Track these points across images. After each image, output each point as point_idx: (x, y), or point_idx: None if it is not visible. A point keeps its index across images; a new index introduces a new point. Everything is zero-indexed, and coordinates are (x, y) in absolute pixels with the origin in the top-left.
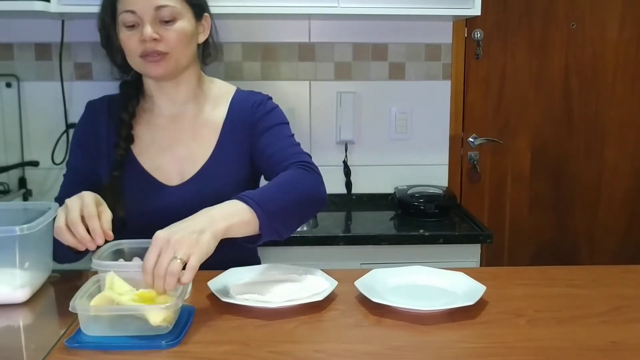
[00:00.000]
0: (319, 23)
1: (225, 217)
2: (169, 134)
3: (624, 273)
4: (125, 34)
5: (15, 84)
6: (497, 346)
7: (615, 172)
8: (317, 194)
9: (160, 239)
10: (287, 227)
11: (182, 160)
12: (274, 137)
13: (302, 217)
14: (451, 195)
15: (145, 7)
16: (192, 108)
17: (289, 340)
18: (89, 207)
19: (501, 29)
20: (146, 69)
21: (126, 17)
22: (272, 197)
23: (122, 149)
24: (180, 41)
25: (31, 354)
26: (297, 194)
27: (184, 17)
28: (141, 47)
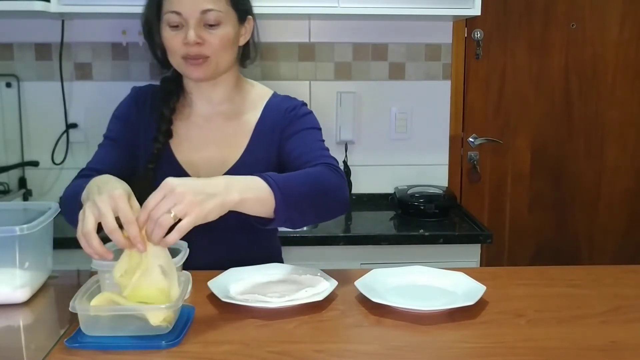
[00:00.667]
0: (319, 23)
1: (241, 190)
2: (203, 132)
3: (623, 273)
4: (169, 33)
5: (15, 84)
6: (497, 346)
7: (615, 172)
8: (340, 195)
9: (167, 185)
10: (303, 217)
11: (212, 159)
12: (303, 140)
13: (321, 212)
14: (451, 195)
15: (192, 10)
16: (227, 109)
17: (289, 340)
18: (127, 213)
19: (501, 29)
20: (187, 71)
21: (171, 17)
22: (294, 184)
23: (160, 143)
24: (223, 46)
25: (31, 354)
26: (319, 188)
27: (228, 21)
28: (184, 49)
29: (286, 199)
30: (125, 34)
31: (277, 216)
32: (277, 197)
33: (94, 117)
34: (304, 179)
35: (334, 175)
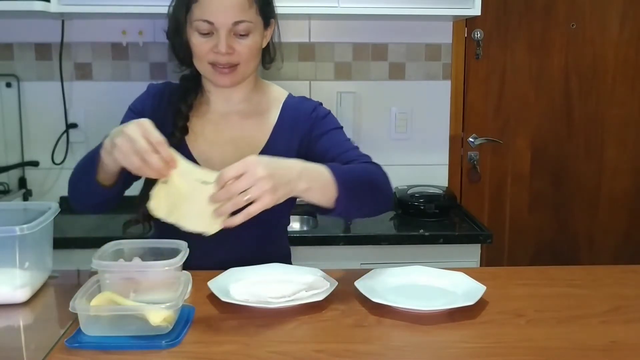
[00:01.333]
0: (319, 23)
1: (310, 179)
2: (219, 129)
3: (623, 273)
4: (198, 39)
5: (15, 84)
6: (497, 346)
7: (615, 172)
8: (390, 191)
9: (250, 164)
10: (358, 209)
11: (229, 156)
12: (334, 141)
13: (373, 206)
14: (451, 195)
15: (224, 20)
16: (244, 107)
17: (289, 340)
18: (154, 133)
19: (501, 29)
20: (215, 78)
21: (202, 25)
22: (353, 177)
23: (176, 139)
24: (251, 54)
25: (31, 354)
26: (373, 183)
27: (256, 30)
28: (213, 56)
29: (347, 191)
30: (125, 34)
31: (337, 206)
32: (340, 188)
33: (94, 117)
34: (361, 173)
35: (382, 172)
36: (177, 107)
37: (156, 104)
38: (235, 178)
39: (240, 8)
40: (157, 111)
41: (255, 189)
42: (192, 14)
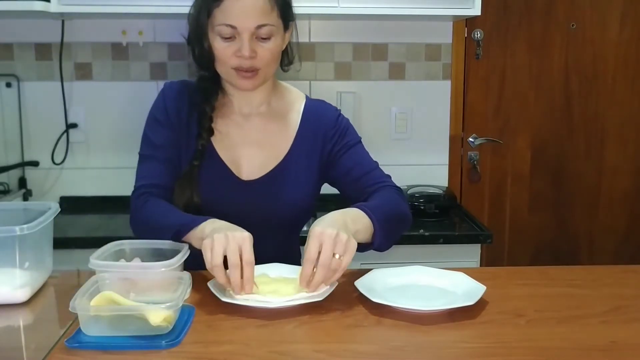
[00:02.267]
0: (319, 23)
1: (354, 221)
2: (243, 131)
3: (623, 273)
4: (221, 44)
5: (15, 84)
6: (497, 346)
7: (615, 172)
8: (409, 215)
9: (319, 234)
10: (390, 240)
11: (252, 158)
12: (358, 159)
13: (398, 234)
14: (451, 195)
15: (247, 24)
16: (265, 110)
17: (289, 340)
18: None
19: (501, 29)
20: (237, 82)
21: (224, 30)
22: (383, 211)
23: (204, 140)
24: (273, 58)
25: (31, 354)
26: (398, 212)
27: (278, 33)
28: (236, 60)
29: (381, 226)
30: (125, 34)
31: (374, 241)
32: (375, 223)
33: (94, 117)
34: (391, 208)
35: (402, 198)
36: (201, 108)
37: (180, 105)
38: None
39: (263, 12)
40: (182, 112)
41: (338, 246)
42: (214, 18)
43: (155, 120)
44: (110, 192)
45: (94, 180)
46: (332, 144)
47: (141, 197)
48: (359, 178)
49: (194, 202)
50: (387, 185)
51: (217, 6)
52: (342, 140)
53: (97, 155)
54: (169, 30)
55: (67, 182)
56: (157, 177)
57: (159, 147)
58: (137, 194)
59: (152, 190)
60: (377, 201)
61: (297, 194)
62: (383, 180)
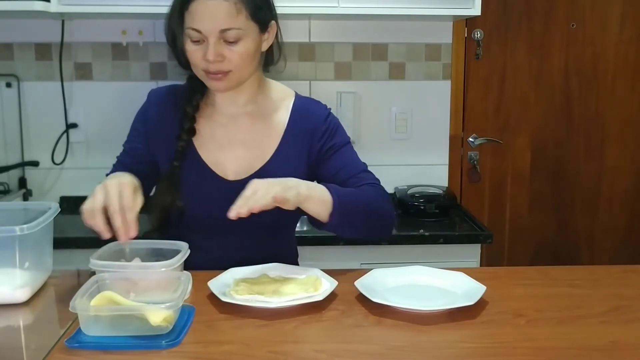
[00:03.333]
0: (319, 23)
1: (309, 188)
2: (229, 131)
3: (623, 273)
4: (191, 47)
5: (15, 84)
6: (497, 346)
7: (615, 172)
8: (389, 215)
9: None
10: (353, 228)
11: (239, 158)
12: (346, 160)
13: (369, 228)
14: (451, 195)
15: (211, 28)
16: (252, 109)
17: (289, 340)
18: (127, 199)
19: (501, 29)
20: (209, 84)
21: (192, 33)
22: (350, 196)
23: (183, 141)
24: (243, 61)
25: (31, 354)
26: (372, 206)
27: (248, 36)
28: (204, 64)
29: (342, 207)
30: (125, 34)
31: (331, 219)
32: (335, 203)
33: (94, 117)
34: (359, 196)
35: (386, 201)
36: (182, 109)
37: (162, 110)
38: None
39: (227, 15)
40: (164, 116)
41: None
42: (185, 22)
43: (134, 129)
44: None
45: (94, 180)
46: (321, 144)
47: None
48: (347, 180)
49: (176, 204)
50: (370, 182)
51: (186, 9)
52: (331, 140)
53: (97, 155)
54: None
55: (67, 182)
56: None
57: (130, 154)
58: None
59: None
60: (351, 190)
61: None
62: (369, 182)
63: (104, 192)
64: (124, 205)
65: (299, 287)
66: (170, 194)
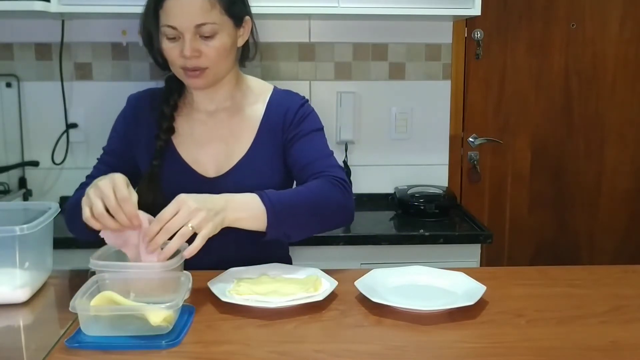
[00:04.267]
0: (319, 23)
1: (238, 209)
2: (208, 128)
3: (623, 273)
4: (167, 45)
5: (15, 84)
6: (497, 346)
7: (615, 172)
8: (340, 210)
9: (182, 201)
10: (298, 231)
11: (219, 154)
12: (309, 147)
13: (319, 225)
14: (451, 195)
15: (186, 24)
16: (230, 105)
17: (289, 340)
18: (123, 191)
19: (501, 29)
20: (187, 82)
21: (167, 31)
22: (288, 202)
23: (162, 140)
24: (219, 55)
25: (31, 354)
26: (316, 203)
27: (224, 30)
28: (182, 60)
29: (278, 218)
30: (125, 34)
31: (268, 232)
32: (270, 216)
33: (94, 117)
34: (301, 197)
35: (334, 188)
36: (160, 109)
37: (139, 113)
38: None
39: (201, 10)
40: (142, 118)
41: (194, 220)
42: (160, 20)
43: (113, 129)
44: None
45: None
46: (288, 132)
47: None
48: (304, 167)
49: (158, 202)
50: (328, 174)
51: (160, 7)
52: (296, 127)
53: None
54: None
55: (67, 182)
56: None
57: (109, 153)
58: (80, 187)
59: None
60: (291, 190)
61: (263, 185)
62: (323, 170)
63: (99, 193)
64: (121, 198)
65: (299, 287)
66: (151, 193)
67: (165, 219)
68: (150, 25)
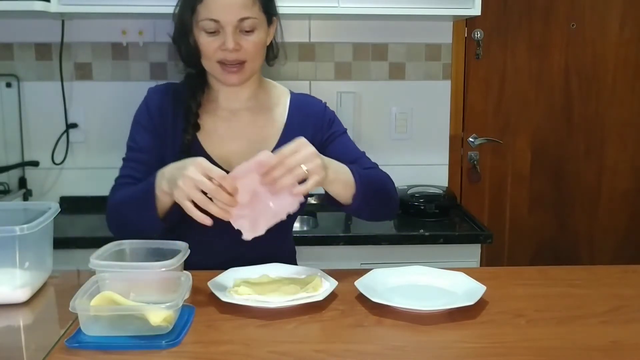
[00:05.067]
0: (319, 23)
1: (338, 171)
2: (231, 126)
3: (623, 273)
4: (205, 39)
5: (15, 84)
6: (497, 346)
7: (615, 172)
8: (396, 197)
9: (303, 143)
10: (371, 210)
11: (243, 153)
12: (344, 148)
13: (382, 210)
14: (451, 195)
15: (230, 17)
16: (253, 104)
17: (289, 340)
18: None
19: (501, 29)
20: (223, 77)
21: (208, 24)
22: (371, 180)
23: (189, 134)
24: (257, 51)
25: (31, 354)
26: (386, 189)
27: (261, 26)
28: (221, 54)
29: (364, 191)
30: (125, 34)
31: (353, 203)
32: (358, 186)
33: (94, 117)
34: (377, 178)
35: (392, 181)
36: (186, 104)
37: (163, 105)
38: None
39: (245, 5)
40: (166, 113)
41: (310, 164)
42: (198, 14)
43: (138, 123)
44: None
45: (94, 180)
46: (322, 134)
47: (114, 187)
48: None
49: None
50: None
51: (200, 2)
52: (329, 129)
53: (97, 155)
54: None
55: (67, 182)
56: (135, 174)
57: (141, 150)
58: (113, 190)
59: (130, 182)
60: (367, 171)
61: None
62: (370, 167)
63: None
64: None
65: (299, 287)
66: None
67: (285, 154)
68: (187, 18)
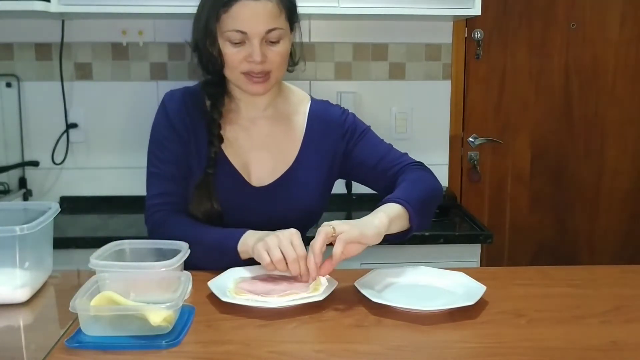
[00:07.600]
0: (319, 23)
1: (386, 214)
2: (250, 135)
3: (623, 273)
4: (231, 50)
5: (15, 84)
6: (497, 346)
7: (615, 172)
8: (440, 187)
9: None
10: (427, 219)
11: (264, 162)
12: (371, 145)
13: (434, 209)
14: (451, 195)
15: (258, 29)
16: (272, 113)
17: (289, 340)
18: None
19: (501, 29)
20: (248, 87)
21: (234, 35)
22: (413, 195)
23: (216, 147)
24: (283, 60)
25: (31, 354)
26: (429, 189)
27: (286, 36)
28: (246, 65)
29: (415, 210)
30: (125, 34)
31: (413, 224)
32: (409, 209)
33: (94, 117)
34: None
35: (428, 173)
36: (210, 116)
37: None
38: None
39: (272, 16)
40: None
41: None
42: (223, 24)
43: (161, 135)
44: (110, 192)
45: (94, 180)
46: (344, 143)
47: (156, 214)
48: (376, 164)
49: (215, 209)
50: (407, 163)
51: (225, 12)
52: (352, 138)
53: (97, 155)
54: (169, 30)
55: (67, 182)
56: (169, 193)
57: (167, 163)
58: (152, 211)
59: (166, 208)
60: (406, 184)
61: (307, 197)
62: (401, 160)
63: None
64: (301, 255)
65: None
66: (208, 201)
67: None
68: (210, 28)
